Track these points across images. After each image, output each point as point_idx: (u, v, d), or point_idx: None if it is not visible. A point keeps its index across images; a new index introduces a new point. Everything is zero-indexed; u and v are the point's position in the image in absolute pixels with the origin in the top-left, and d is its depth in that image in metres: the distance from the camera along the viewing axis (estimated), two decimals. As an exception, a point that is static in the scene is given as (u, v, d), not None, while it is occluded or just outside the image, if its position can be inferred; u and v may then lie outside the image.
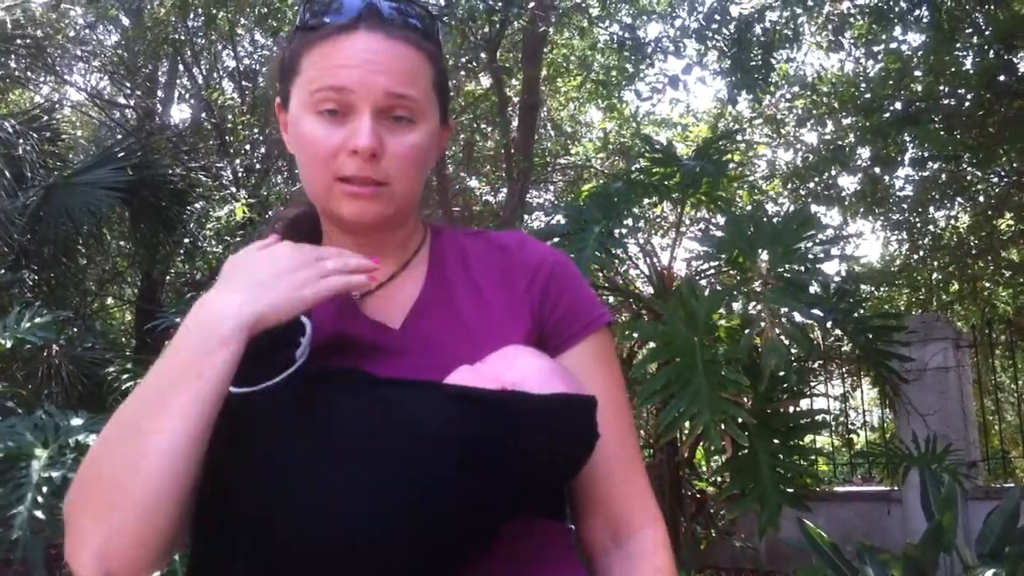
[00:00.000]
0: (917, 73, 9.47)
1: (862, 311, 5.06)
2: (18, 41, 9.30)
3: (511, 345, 1.27)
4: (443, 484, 1.08)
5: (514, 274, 1.37)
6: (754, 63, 8.44)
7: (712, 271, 5.27)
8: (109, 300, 11.92)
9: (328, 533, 1.04)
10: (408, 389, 1.17)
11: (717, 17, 8.54)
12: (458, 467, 1.08)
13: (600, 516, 1.32)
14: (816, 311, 4.42)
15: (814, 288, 4.46)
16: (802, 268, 4.23)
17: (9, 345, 4.49)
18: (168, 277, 10.24)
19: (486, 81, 11.26)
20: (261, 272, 1.18)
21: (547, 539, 1.25)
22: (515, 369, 1.21)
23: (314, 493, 1.07)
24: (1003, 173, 10.65)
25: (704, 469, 7.07)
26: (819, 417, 5.35)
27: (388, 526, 1.05)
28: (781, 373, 4.15)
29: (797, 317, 4.24)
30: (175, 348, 1.11)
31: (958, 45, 8.87)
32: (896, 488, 7.61)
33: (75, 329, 7.91)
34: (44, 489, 3.48)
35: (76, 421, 3.95)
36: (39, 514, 3.41)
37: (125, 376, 4.88)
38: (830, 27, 9.86)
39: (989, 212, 11.11)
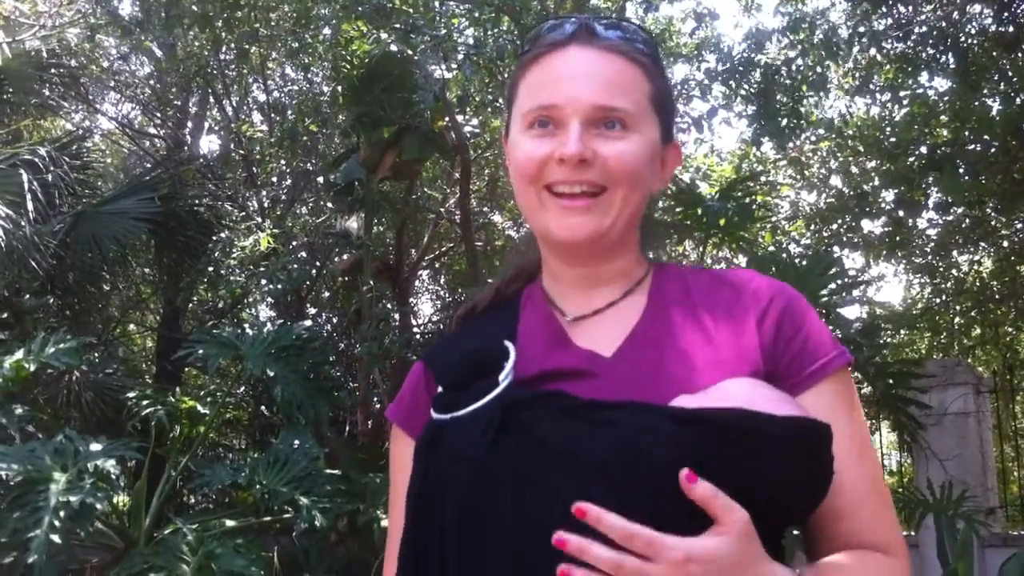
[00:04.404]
0: (943, 118, 9.47)
1: (884, 354, 5.03)
2: (52, 70, 9.42)
3: (733, 378, 1.17)
4: (666, 510, 1.01)
5: (744, 309, 1.27)
6: (782, 110, 8.44)
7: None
8: (131, 326, 11.97)
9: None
10: (625, 411, 1.11)
11: (741, 68, 8.55)
12: (681, 492, 1.00)
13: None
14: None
15: (836, 334, 4.43)
16: (824, 312, 4.21)
17: (32, 369, 4.52)
18: (191, 305, 10.30)
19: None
20: None
21: None
22: (741, 394, 1.11)
23: (534, 501, 1.05)
24: (1027, 220, 10.64)
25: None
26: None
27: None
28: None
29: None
30: None
31: (984, 92, 8.88)
32: (912, 533, 7.55)
33: (96, 355, 7.96)
34: (61, 513, 3.48)
35: (95, 446, 3.96)
36: (55, 538, 3.41)
37: (145, 402, 4.86)
38: (857, 73, 9.86)
39: (1012, 258, 11.07)
